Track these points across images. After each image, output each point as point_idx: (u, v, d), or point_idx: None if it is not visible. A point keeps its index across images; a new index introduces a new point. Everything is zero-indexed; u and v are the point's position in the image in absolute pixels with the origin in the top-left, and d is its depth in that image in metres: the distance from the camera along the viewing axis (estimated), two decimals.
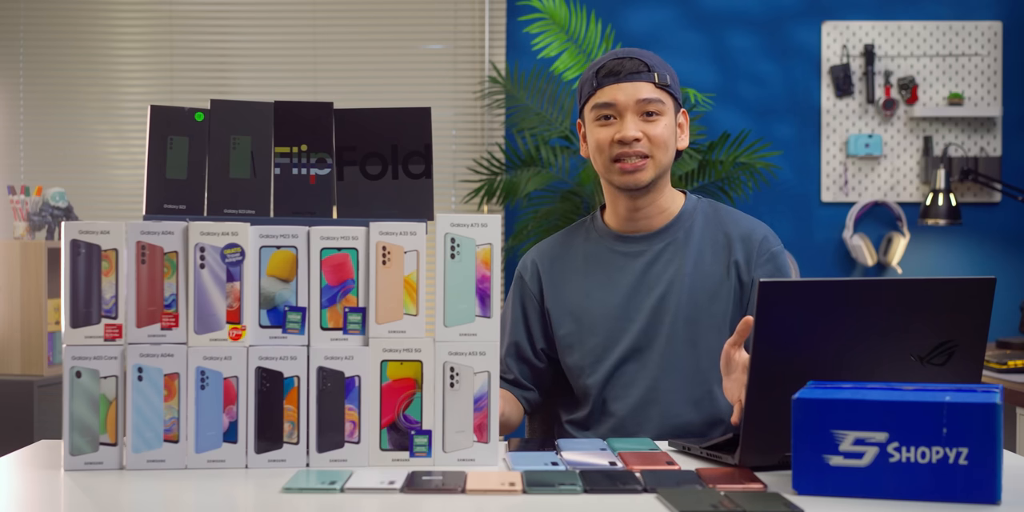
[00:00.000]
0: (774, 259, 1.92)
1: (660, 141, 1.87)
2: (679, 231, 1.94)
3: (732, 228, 1.94)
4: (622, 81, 1.88)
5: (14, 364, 3.39)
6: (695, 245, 1.92)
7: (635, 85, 1.87)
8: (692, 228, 1.94)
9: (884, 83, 4.06)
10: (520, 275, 2.03)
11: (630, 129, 1.86)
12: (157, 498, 1.38)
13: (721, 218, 1.96)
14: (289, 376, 1.52)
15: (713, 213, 1.97)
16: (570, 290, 1.96)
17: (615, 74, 1.88)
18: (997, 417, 1.27)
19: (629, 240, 1.95)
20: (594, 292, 1.94)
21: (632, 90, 1.87)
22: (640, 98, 1.87)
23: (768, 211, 4.07)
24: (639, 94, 1.87)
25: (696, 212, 1.96)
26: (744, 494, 1.33)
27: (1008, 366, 3.07)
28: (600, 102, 1.89)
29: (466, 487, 1.37)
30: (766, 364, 1.42)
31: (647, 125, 1.87)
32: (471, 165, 4.09)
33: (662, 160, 1.89)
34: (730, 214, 1.97)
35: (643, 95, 1.87)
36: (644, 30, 4.10)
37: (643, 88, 1.87)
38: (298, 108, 1.63)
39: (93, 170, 4.15)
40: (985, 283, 1.43)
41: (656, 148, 1.87)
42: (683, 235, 1.93)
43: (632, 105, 1.87)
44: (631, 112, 1.87)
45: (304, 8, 4.14)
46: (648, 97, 1.87)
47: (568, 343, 1.95)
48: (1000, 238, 4.11)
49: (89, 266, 1.51)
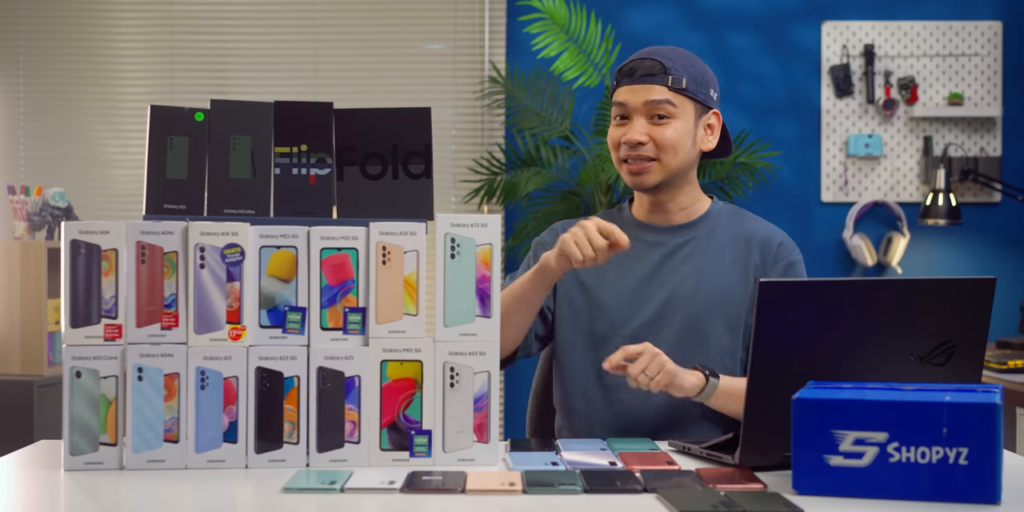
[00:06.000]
0: (791, 267, 1.92)
1: (667, 145, 1.86)
2: (702, 230, 1.94)
3: (753, 232, 1.94)
4: (635, 82, 1.87)
5: (14, 364, 3.39)
6: (716, 245, 1.92)
7: (647, 87, 1.86)
8: (715, 229, 1.94)
9: (884, 83, 4.06)
10: (543, 242, 2.01)
11: (635, 132, 1.86)
12: (157, 498, 1.38)
13: (743, 222, 1.96)
14: (289, 376, 1.52)
15: (737, 217, 1.97)
16: None
17: (630, 75, 1.88)
18: (997, 417, 1.27)
19: (652, 229, 1.96)
20: (609, 273, 1.93)
21: (643, 92, 1.86)
22: (649, 100, 1.86)
23: (768, 211, 4.06)
24: (648, 96, 1.86)
25: (720, 215, 1.96)
26: (744, 494, 1.33)
27: (1008, 366, 3.07)
28: (617, 101, 1.90)
29: (466, 487, 1.37)
30: (766, 364, 1.42)
31: (655, 128, 1.86)
32: (471, 165, 4.08)
33: (670, 163, 1.88)
34: (753, 219, 1.98)
35: (652, 97, 1.86)
36: (644, 30, 4.09)
37: (654, 90, 1.86)
38: (298, 108, 1.63)
39: (93, 170, 4.15)
40: (985, 283, 1.43)
41: (663, 151, 1.87)
42: (705, 234, 1.94)
43: (640, 107, 1.86)
44: (640, 114, 1.87)
45: (304, 8, 4.14)
46: (657, 99, 1.86)
47: (574, 321, 1.93)
48: (1000, 238, 4.11)
49: (89, 266, 1.51)
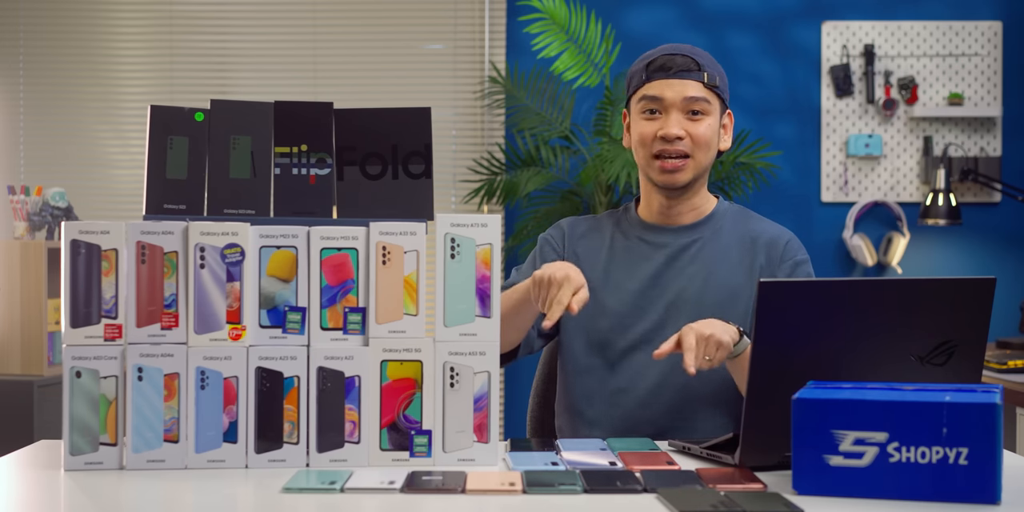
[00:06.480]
0: (798, 266, 1.92)
1: (703, 141, 1.87)
2: (707, 230, 1.94)
3: (759, 233, 1.94)
4: (671, 77, 1.87)
5: (14, 364, 3.39)
6: (722, 246, 1.92)
7: (684, 83, 1.87)
8: (721, 229, 1.94)
9: (884, 83, 4.06)
10: (549, 238, 2.01)
11: (673, 126, 1.86)
12: (157, 498, 1.38)
13: (749, 222, 1.96)
14: (289, 376, 1.52)
15: (743, 217, 1.97)
16: (590, 266, 1.94)
17: (666, 69, 1.88)
18: (997, 417, 1.27)
19: (657, 230, 1.95)
20: (613, 275, 1.93)
21: (680, 87, 1.86)
22: (687, 96, 1.86)
23: (768, 211, 4.01)
24: (687, 92, 1.86)
25: (726, 215, 1.96)
26: (744, 494, 1.33)
27: (1008, 366, 3.07)
28: (648, 95, 1.88)
29: (466, 487, 1.37)
30: (766, 364, 1.42)
31: (691, 124, 1.87)
32: (471, 165, 4.08)
33: (702, 161, 1.88)
34: (759, 220, 1.98)
35: (690, 93, 1.86)
36: (644, 30, 4.09)
37: (691, 86, 1.86)
38: (298, 108, 1.63)
39: (93, 170, 4.15)
40: (985, 283, 1.43)
41: (698, 148, 1.87)
42: (711, 234, 1.93)
43: (679, 102, 1.86)
44: (677, 109, 1.87)
45: (304, 8, 4.14)
46: (695, 96, 1.86)
47: (578, 323, 1.93)
48: (1000, 238, 4.11)
49: (89, 266, 1.51)
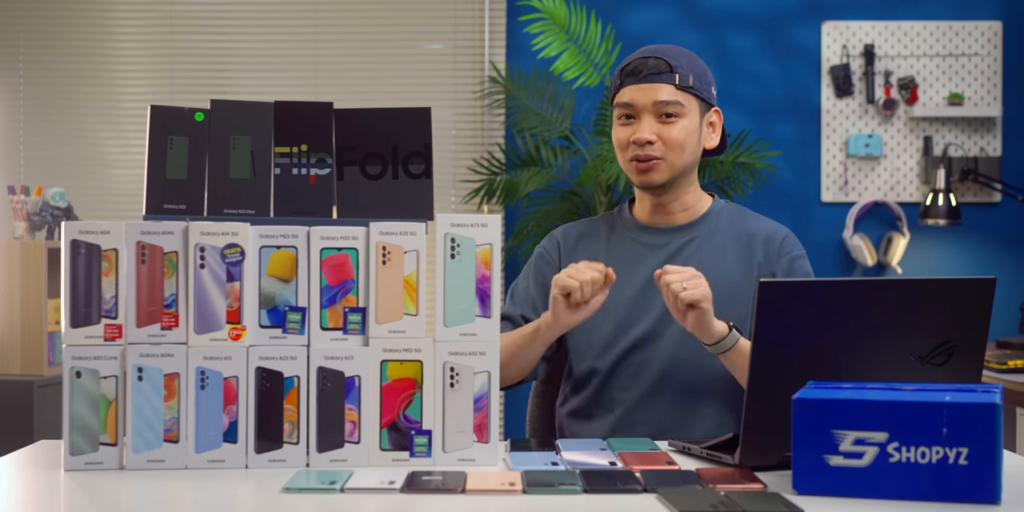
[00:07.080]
0: (795, 261, 1.92)
1: (675, 143, 1.87)
2: (703, 229, 1.94)
3: (756, 230, 1.94)
4: (641, 81, 1.87)
5: (14, 364, 3.39)
6: (718, 244, 1.93)
7: (654, 86, 1.86)
8: (717, 227, 1.94)
9: (884, 83, 4.06)
10: (543, 250, 2.01)
11: (644, 131, 1.86)
12: (157, 498, 1.38)
13: (745, 220, 1.97)
14: (289, 376, 1.52)
15: (739, 215, 1.98)
16: None
17: (636, 74, 1.88)
18: (997, 417, 1.27)
19: (652, 231, 1.96)
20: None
21: (651, 91, 1.86)
22: (658, 100, 1.86)
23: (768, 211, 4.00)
24: (657, 96, 1.86)
25: (722, 213, 1.97)
26: (744, 494, 1.33)
27: (1008, 366, 3.07)
28: (620, 101, 1.90)
29: (466, 487, 1.37)
30: (766, 364, 1.42)
31: (663, 127, 1.87)
32: (471, 165, 4.08)
33: (676, 162, 1.88)
34: (755, 218, 1.98)
35: (661, 97, 1.86)
36: (644, 30, 4.09)
37: (663, 90, 1.86)
38: (298, 108, 1.63)
39: (93, 170, 4.15)
40: (985, 283, 1.43)
41: (670, 150, 1.87)
42: (707, 233, 1.94)
43: (649, 106, 1.86)
44: (648, 113, 1.87)
45: (304, 8, 4.14)
46: (666, 99, 1.86)
47: (579, 327, 1.91)
48: (1000, 238, 4.11)
49: (89, 266, 1.51)
